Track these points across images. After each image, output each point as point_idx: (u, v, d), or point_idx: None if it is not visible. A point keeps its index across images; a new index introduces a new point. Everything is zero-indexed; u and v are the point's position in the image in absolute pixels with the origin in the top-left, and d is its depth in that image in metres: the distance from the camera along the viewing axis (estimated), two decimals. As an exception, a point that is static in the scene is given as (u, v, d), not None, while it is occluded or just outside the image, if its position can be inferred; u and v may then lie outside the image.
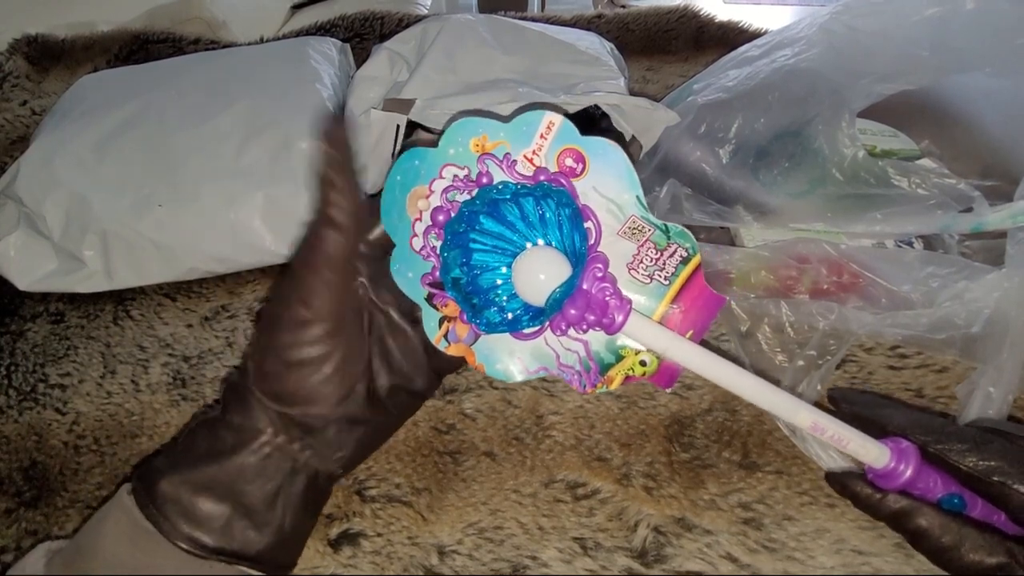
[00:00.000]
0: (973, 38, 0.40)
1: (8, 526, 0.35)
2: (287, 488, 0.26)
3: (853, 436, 0.28)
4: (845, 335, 0.37)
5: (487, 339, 0.28)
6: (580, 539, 0.33)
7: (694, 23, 0.73)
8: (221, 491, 0.25)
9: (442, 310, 0.28)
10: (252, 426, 0.26)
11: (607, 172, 0.27)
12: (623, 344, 0.28)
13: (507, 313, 0.28)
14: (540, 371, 0.28)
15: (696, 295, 0.28)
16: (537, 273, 0.27)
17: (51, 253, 0.46)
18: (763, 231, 0.44)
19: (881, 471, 0.28)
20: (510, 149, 0.27)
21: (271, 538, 0.26)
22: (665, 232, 0.27)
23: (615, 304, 0.27)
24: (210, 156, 0.46)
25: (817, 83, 0.43)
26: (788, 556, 0.32)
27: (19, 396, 0.42)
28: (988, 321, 0.35)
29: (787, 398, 0.28)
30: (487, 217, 0.28)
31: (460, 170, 0.27)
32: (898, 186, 0.41)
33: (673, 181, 0.44)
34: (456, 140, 0.27)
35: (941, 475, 0.28)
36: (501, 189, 0.27)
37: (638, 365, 0.28)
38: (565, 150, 0.26)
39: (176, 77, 0.54)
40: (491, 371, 0.28)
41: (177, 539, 0.25)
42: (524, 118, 0.26)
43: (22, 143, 0.60)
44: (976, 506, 0.28)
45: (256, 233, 0.45)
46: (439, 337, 0.28)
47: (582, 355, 0.28)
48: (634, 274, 0.28)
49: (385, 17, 0.74)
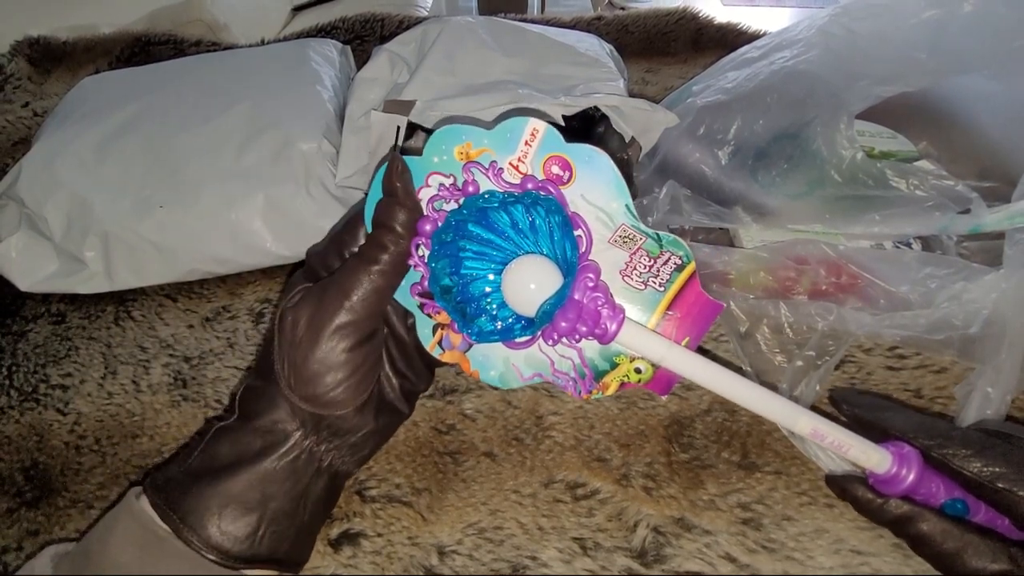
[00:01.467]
0: (971, 41, 0.40)
1: (9, 526, 0.36)
2: (311, 489, 0.27)
3: (854, 442, 0.27)
4: (844, 336, 0.37)
5: (481, 346, 0.28)
6: (580, 539, 0.33)
7: (693, 25, 0.73)
8: (250, 500, 0.26)
9: (435, 317, 0.28)
10: (282, 429, 0.26)
11: (595, 180, 0.26)
12: (618, 351, 0.28)
13: (498, 322, 0.28)
14: (535, 377, 0.28)
15: (692, 302, 0.27)
16: (528, 283, 0.27)
17: (52, 254, 0.46)
18: (762, 232, 0.45)
19: (883, 476, 0.27)
20: (495, 156, 0.26)
21: (294, 539, 0.27)
22: (657, 241, 0.27)
23: (608, 314, 0.26)
24: (211, 157, 0.46)
25: (816, 85, 0.43)
26: (787, 556, 0.32)
27: (20, 396, 0.42)
28: (986, 322, 0.35)
29: (786, 404, 0.27)
30: (476, 225, 0.27)
31: (446, 178, 0.27)
32: (896, 187, 0.41)
33: (672, 182, 0.44)
34: (440, 148, 0.26)
35: (944, 480, 0.28)
36: (488, 198, 0.27)
37: (633, 372, 0.28)
38: (551, 158, 0.26)
39: (177, 79, 0.54)
40: (486, 377, 0.28)
41: (205, 551, 0.25)
42: (507, 125, 0.26)
43: (24, 145, 0.60)
44: (979, 511, 0.27)
45: (257, 234, 0.45)
46: (433, 344, 0.29)
47: (576, 362, 0.28)
48: (628, 280, 0.27)
49: (385, 19, 0.75)
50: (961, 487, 0.27)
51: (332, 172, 0.46)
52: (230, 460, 0.26)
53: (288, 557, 0.27)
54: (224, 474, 0.26)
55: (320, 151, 0.46)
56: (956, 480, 0.27)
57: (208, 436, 0.27)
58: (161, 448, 0.39)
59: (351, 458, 0.28)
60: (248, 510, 0.26)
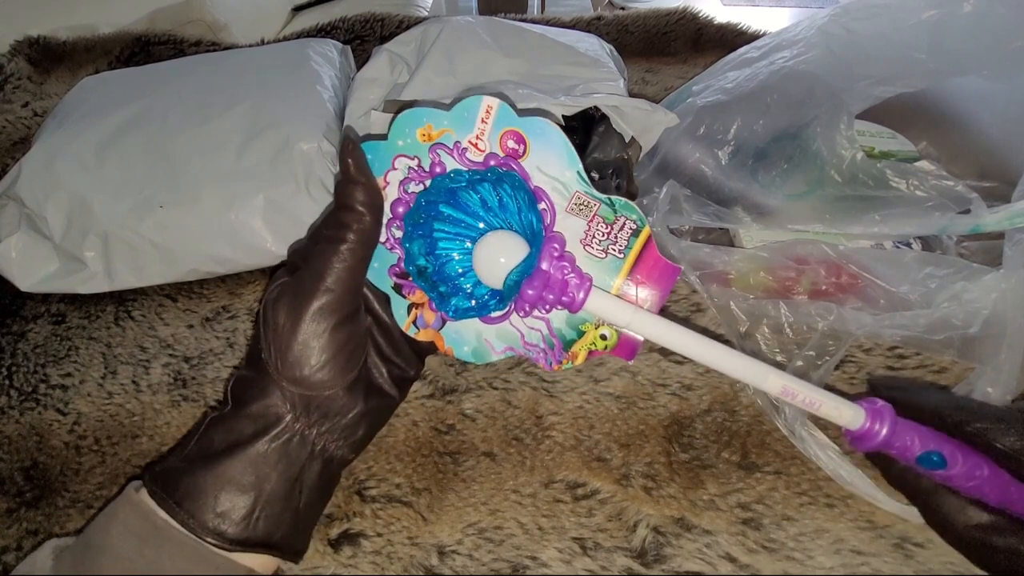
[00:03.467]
0: (970, 41, 0.40)
1: (9, 526, 0.36)
2: (305, 473, 0.27)
3: (825, 399, 0.27)
4: (844, 336, 0.37)
5: (454, 323, 0.29)
6: (580, 539, 0.33)
7: (693, 25, 0.73)
8: (244, 482, 0.26)
9: (410, 298, 0.29)
10: (274, 412, 0.27)
11: (547, 150, 0.27)
12: (583, 319, 0.29)
13: (473, 299, 0.29)
14: (506, 351, 0.29)
15: (651, 266, 0.28)
16: (497, 257, 0.27)
17: (52, 254, 0.46)
18: (762, 232, 0.45)
19: (856, 432, 0.27)
20: (456, 136, 0.27)
21: (290, 524, 0.27)
22: (611, 206, 0.28)
23: (575, 283, 0.27)
24: (211, 158, 0.46)
25: (815, 85, 0.43)
26: (787, 556, 0.32)
27: (20, 396, 0.42)
28: (986, 322, 0.35)
29: (753, 363, 0.27)
30: (447, 206, 0.28)
31: (411, 160, 0.28)
32: (896, 188, 0.41)
33: (672, 182, 0.44)
34: (403, 131, 0.27)
35: (919, 433, 0.27)
36: (455, 177, 0.28)
37: (599, 339, 0.29)
38: (506, 132, 0.27)
39: (177, 79, 0.54)
40: (460, 353, 0.29)
41: (202, 533, 0.25)
42: (464, 104, 0.27)
43: (24, 144, 0.60)
44: (956, 463, 0.27)
45: (257, 234, 0.45)
46: (408, 324, 0.29)
47: (545, 333, 0.29)
48: (589, 250, 0.28)
49: (385, 19, 0.75)
50: (994, 462, 0.27)
51: (332, 172, 0.46)
52: (224, 445, 0.27)
53: (284, 543, 0.27)
54: (218, 459, 0.26)
55: (320, 151, 0.46)
56: (991, 455, 0.27)
57: (203, 425, 0.28)
58: (161, 448, 0.39)
59: (344, 442, 0.28)
60: (243, 491, 0.26)
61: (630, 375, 0.40)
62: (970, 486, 0.27)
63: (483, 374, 0.40)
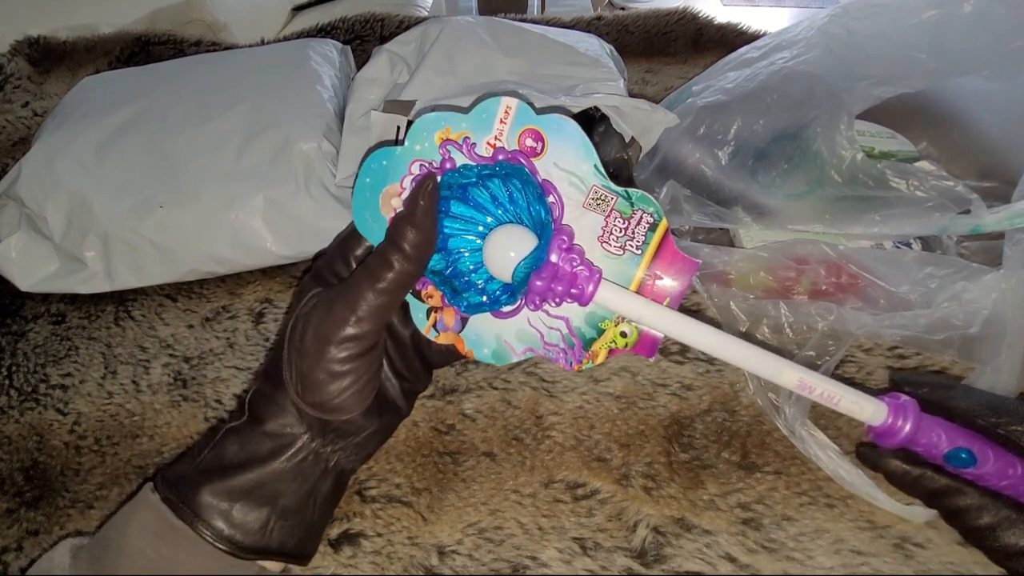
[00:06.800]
0: (970, 41, 0.40)
1: (9, 526, 0.36)
2: (319, 487, 0.28)
3: (845, 393, 0.26)
4: (844, 336, 0.37)
5: (474, 326, 0.29)
6: (580, 539, 0.33)
7: (693, 25, 0.73)
8: (260, 496, 0.27)
9: (428, 301, 0.29)
10: (291, 432, 0.27)
11: (565, 146, 0.27)
12: (603, 316, 0.28)
13: (485, 294, 0.29)
14: (527, 352, 0.29)
15: (670, 261, 0.28)
16: (507, 251, 0.27)
17: (52, 254, 0.46)
18: (762, 232, 0.45)
19: (880, 428, 0.26)
20: (474, 139, 0.27)
21: (303, 534, 0.28)
22: (628, 199, 0.28)
23: (584, 275, 0.27)
24: (211, 158, 0.46)
25: (815, 85, 0.43)
26: (787, 556, 0.32)
27: (20, 396, 0.42)
28: (986, 322, 0.35)
29: (769, 357, 0.27)
30: (457, 202, 0.28)
31: (429, 165, 0.28)
32: (896, 188, 0.41)
33: (672, 182, 0.44)
34: (421, 136, 0.27)
35: (947, 430, 0.26)
36: (464, 172, 0.28)
37: (619, 337, 0.28)
38: (524, 131, 0.27)
39: (177, 79, 0.54)
40: (480, 356, 0.29)
41: (217, 541, 0.26)
42: (483, 106, 0.27)
43: (24, 144, 0.60)
44: (987, 462, 0.26)
45: (257, 234, 0.45)
46: (428, 327, 0.29)
47: (564, 332, 0.29)
48: (606, 247, 0.28)
49: (385, 19, 0.75)
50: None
51: (332, 172, 0.46)
52: (240, 460, 0.27)
53: (297, 550, 0.28)
54: (234, 472, 0.27)
55: (320, 151, 0.46)
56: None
57: (218, 436, 0.28)
58: (161, 448, 0.39)
59: (356, 456, 0.29)
60: (258, 505, 0.27)
61: (630, 375, 0.40)
62: (1004, 484, 0.26)
63: (483, 374, 0.40)
